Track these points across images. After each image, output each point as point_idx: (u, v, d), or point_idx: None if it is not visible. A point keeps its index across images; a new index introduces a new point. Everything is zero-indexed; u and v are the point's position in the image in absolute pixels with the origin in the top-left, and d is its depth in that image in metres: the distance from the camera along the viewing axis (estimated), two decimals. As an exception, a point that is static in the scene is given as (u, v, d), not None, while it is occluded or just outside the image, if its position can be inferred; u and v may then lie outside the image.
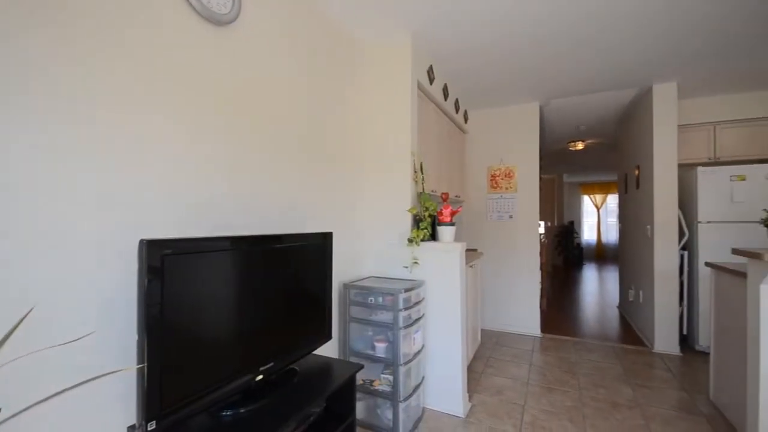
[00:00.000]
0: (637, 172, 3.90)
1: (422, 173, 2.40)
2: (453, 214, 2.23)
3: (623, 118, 4.39)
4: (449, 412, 2.26)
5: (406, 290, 2.02)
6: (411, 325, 2.06)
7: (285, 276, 1.49)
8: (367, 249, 2.48)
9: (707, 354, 2.78)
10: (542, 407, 2.35)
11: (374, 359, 2.09)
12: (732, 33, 2.43)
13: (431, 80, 2.72)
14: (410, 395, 2.05)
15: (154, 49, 1.18)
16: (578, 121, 4.54)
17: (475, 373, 2.86)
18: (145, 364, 0.96)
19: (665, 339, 3.30)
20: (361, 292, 2.13)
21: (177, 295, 1.04)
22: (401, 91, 2.37)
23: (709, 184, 3.23)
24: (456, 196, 3.53)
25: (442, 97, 3.03)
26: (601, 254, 10.55)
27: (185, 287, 1.07)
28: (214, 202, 1.39)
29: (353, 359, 2.10)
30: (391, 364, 2.02)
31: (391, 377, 2.01)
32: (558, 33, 2.41)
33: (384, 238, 2.42)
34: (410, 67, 2.35)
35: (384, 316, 2.07)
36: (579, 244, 10.19)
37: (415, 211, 2.29)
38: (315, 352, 1.68)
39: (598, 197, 10.52)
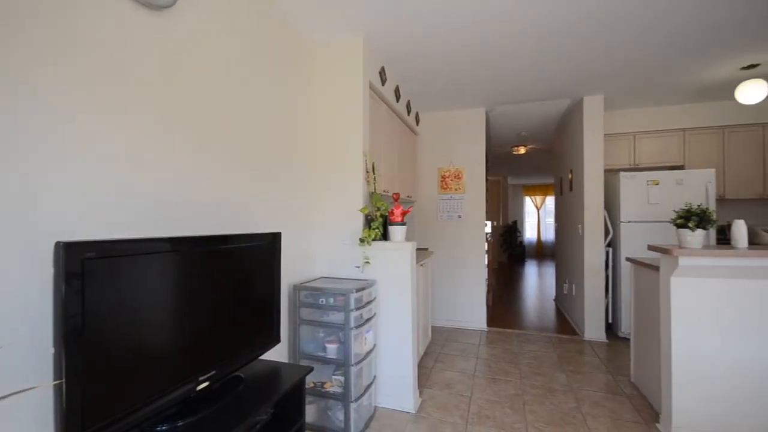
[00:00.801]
0: (570, 175, 4.25)
1: (374, 173, 2.41)
2: (404, 214, 2.27)
3: (559, 126, 4.76)
4: (400, 409, 2.29)
5: (358, 290, 2.02)
6: (362, 324, 2.07)
7: (230, 279, 1.42)
8: (319, 249, 2.44)
9: (629, 340, 3.10)
10: (487, 397, 2.47)
11: (325, 361, 2.06)
12: (648, 55, 2.74)
13: (383, 81, 2.74)
14: (362, 395, 2.05)
15: (78, 35, 1.06)
16: (520, 127, 4.84)
17: (426, 368, 2.93)
18: (63, 379, 0.86)
19: (594, 327, 3.64)
20: (311, 294, 2.09)
21: (102, 303, 0.94)
22: (353, 90, 2.37)
23: (630, 187, 3.61)
24: (408, 197, 3.60)
25: (395, 98, 3.08)
26: (541, 251, 11.36)
27: (113, 294, 0.97)
28: (158, 201, 1.29)
29: (304, 362, 2.06)
30: (342, 364, 2.00)
31: (342, 378, 2.00)
32: (500, 44, 2.54)
33: (336, 238, 2.40)
34: (362, 67, 2.36)
35: (335, 317, 2.06)
36: (522, 243, 10.88)
37: (366, 211, 2.29)
38: (263, 357, 1.62)
39: (539, 198, 11.32)
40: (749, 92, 2.92)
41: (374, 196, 2.32)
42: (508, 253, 10.27)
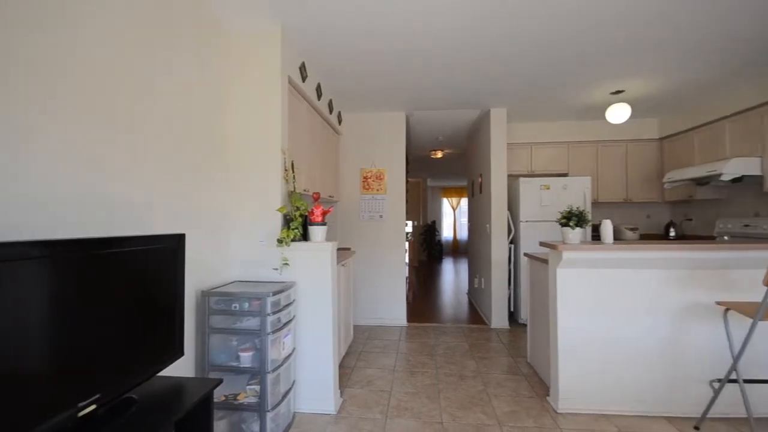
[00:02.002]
0: (480, 179, 4.65)
1: (293, 172, 2.34)
2: (324, 213, 2.24)
3: (470, 133, 5.18)
4: (321, 412, 2.26)
5: (275, 293, 1.94)
6: (281, 329, 1.99)
7: (120, 287, 1.24)
8: (233, 252, 2.28)
9: (526, 325, 3.51)
10: (406, 390, 2.58)
11: (239, 371, 1.94)
12: (539, 79, 3.15)
13: (304, 78, 2.68)
14: (279, 402, 1.98)
15: None
16: (438, 132, 5.15)
17: (347, 368, 2.94)
18: None
19: (499, 316, 4.04)
20: (223, 299, 1.94)
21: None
22: (271, 84, 2.27)
23: (527, 191, 4.10)
24: (330, 196, 3.57)
25: (316, 96, 3.03)
26: (457, 249, 12.23)
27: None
28: (44, 202, 1.07)
29: (214, 374, 1.91)
30: (258, 373, 1.90)
31: (258, 387, 1.90)
32: (419, 52, 2.68)
33: (252, 240, 2.27)
34: (280, 60, 2.27)
35: (251, 323, 1.94)
36: (440, 241, 11.58)
37: (285, 211, 2.22)
38: (162, 373, 1.46)
39: (455, 200, 12.16)
40: (616, 113, 3.53)
41: (293, 196, 2.26)
42: (428, 251, 10.84)
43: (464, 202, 12.03)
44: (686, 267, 2.20)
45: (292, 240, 2.16)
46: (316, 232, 2.27)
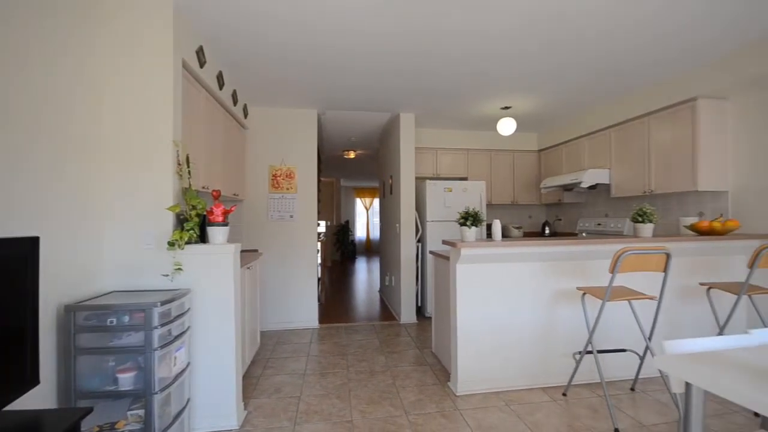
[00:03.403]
0: (390, 181, 4.83)
1: (189, 166, 2.11)
2: (226, 213, 2.07)
3: (382, 135, 5.34)
4: (222, 428, 2.08)
5: (164, 303, 1.72)
6: (171, 342, 1.77)
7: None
8: (109, 258, 1.96)
9: (431, 318, 3.75)
10: (316, 393, 2.53)
11: (118, 395, 1.67)
12: (440, 91, 3.41)
13: (202, 63, 2.43)
14: (170, 425, 1.76)
15: None
16: (350, 133, 5.19)
17: (253, 378, 2.77)
18: None
19: (408, 311, 4.24)
20: (95, 314, 1.65)
21: None
22: (161, 66, 2.00)
23: (433, 193, 4.40)
24: (234, 195, 3.32)
25: (217, 85, 2.78)
26: (370, 248, 12.48)
27: None
28: None
29: (84, 403, 1.61)
30: (142, 395, 1.66)
31: (142, 411, 1.66)
32: (332, 50, 2.66)
33: (135, 243, 1.98)
34: (172, 40, 2.02)
35: (133, 339, 1.69)
36: (353, 241, 11.69)
37: (178, 210, 1.98)
38: (9, 407, 1.18)
39: (368, 200, 12.40)
40: (505, 126, 4.00)
41: (189, 193, 2.03)
42: (341, 251, 10.84)
43: (377, 202, 12.35)
44: (556, 259, 2.61)
45: (187, 242, 1.95)
46: (216, 233, 2.08)
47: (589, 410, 2.27)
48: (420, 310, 4.48)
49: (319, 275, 5.24)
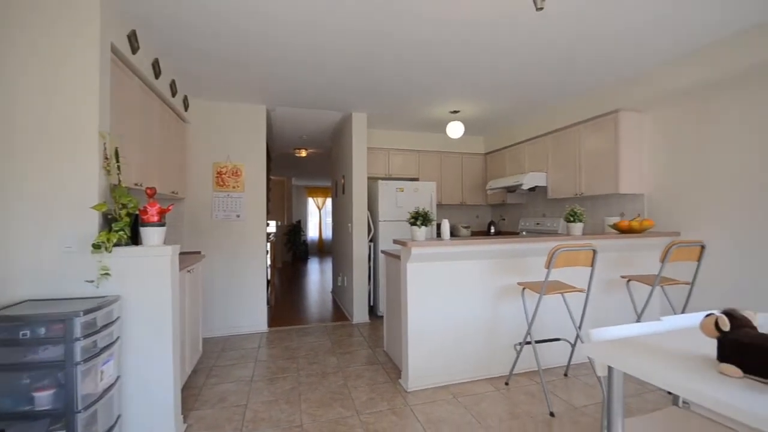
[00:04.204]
0: (343, 180, 4.80)
1: (118, 161, 1.92)
2: (162, 212, 1.92)
3: (334, 134, 5.29)
4: (157, 445, 1.93)
5: (88, 312, 1.55)
6: (97, 355, 1.61)
7: None
8: (22, 262, 1.73)
9: (383, 317, 3.79)
10: (264, 399, 2.44)
11: (33, 416, 1.48)
12: (392, 93, 3.45)
13: (135, 49, 2.23)
14: (96, 446, 1.59)
15: None
16: (302, 130, 5.07)
17: (195, 388, 2.60)
18: None
19: (360, 311, 4.24)
20: (5, 326, 1.45)
21: None
22: (86, 49, 1.80)
23: (385, 193, 4.44)
24: (173, 193, 3.09)
25: (153, 73, 2.57)
26: (322, 249, 12.30)
27: None
28: None
29: (-14, 429, 1.40)
30: (62, 414, 1.49)
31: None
32: (284, 45, 2.58)
33: (52, 245, 1.76)
34: (99, 22, 1.83)
35: (50, 353, 1.51)
36: (305, 241, 11.43)
37: (104, 209, 1.79)
38: None
39: (320, 200, 12.20)
40: (454, 129, 4.16)
41: (118, 190, 1.85)
42: (293, 251, 10.56)
43: (330, 202, 12.20)
44: (500, 257, 2.76)
45: (116, 244, 1.78)
46: (151, 234, 1.92)
47: (528, 396, 2.43)
48: (372, 310, 4.50)
49: (269, 277, 5.06)
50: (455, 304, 2.66)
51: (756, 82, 2.55)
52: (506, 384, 2.61)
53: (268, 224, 4.38)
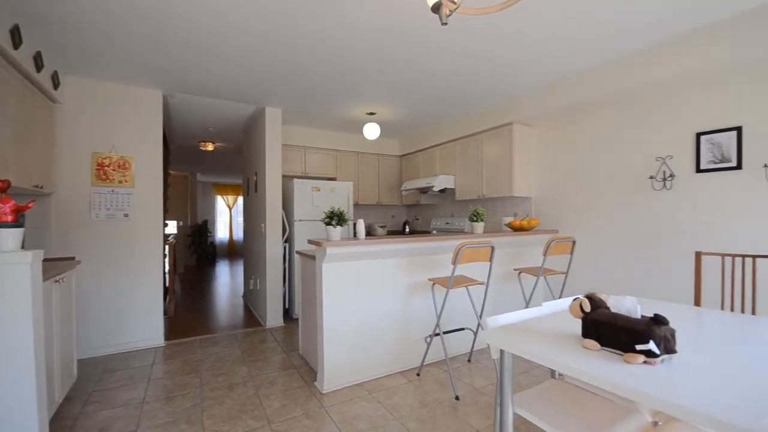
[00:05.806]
0: (255, 178, 4.52)
1: (-49, 146, 1.51)
2: (18, 210, 1.57)
3: (246, 129, 4.96)
4: (10, 496, 1.57)
5: None
6: None
7: None
8: None
9: (299, 320, 3.68)
10: (158, 422, 2.16)
11: None
12: (308, 90, 3.38)
13: (-22, 7, 1.79)
14: None
15: None
16: (208, 122, 4.63)
17: (68, 419, 2.19)
18: None
19: (274, 315, 4.05)
20: None
21: None
22: None
23: (301, 192, 4.31)
24: (36, 186, 2.55)
25: (10, 43, 2.09)
26: (233, 250, 11.43)
27: None
28: None
29: None
30: None
31: None
32: (180, 22, 2.32)
33: None
34: None
35: None
36: (213, 243, 10.49)
37: (-71, 206, 1.40)
38: None
39: (230, 198, 11.32)
40: (370, 130, 4.23)
41: (-50, 183, 1.46)
42: (198, 254, 9.61)
43: (240, 200, 11.40)
44: (412, 255, 2.89)
45: (-53, 251, 1.40)
46: (5, 237, 1.56)
47: (436, 384, 2.60)
48: (288, 313, 4.34)
49: (167, 284, 4.52)
50: (370, 302, 2.71)
51: (608, 108, 3.14)
52: (418, 375, 2.75)
53: (166, 224, 3.90)
